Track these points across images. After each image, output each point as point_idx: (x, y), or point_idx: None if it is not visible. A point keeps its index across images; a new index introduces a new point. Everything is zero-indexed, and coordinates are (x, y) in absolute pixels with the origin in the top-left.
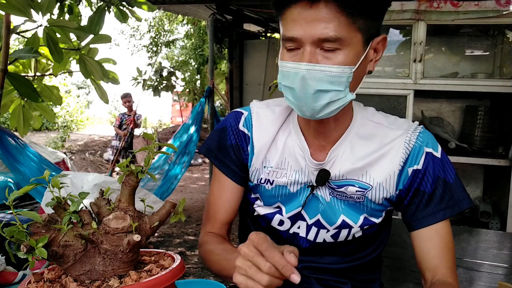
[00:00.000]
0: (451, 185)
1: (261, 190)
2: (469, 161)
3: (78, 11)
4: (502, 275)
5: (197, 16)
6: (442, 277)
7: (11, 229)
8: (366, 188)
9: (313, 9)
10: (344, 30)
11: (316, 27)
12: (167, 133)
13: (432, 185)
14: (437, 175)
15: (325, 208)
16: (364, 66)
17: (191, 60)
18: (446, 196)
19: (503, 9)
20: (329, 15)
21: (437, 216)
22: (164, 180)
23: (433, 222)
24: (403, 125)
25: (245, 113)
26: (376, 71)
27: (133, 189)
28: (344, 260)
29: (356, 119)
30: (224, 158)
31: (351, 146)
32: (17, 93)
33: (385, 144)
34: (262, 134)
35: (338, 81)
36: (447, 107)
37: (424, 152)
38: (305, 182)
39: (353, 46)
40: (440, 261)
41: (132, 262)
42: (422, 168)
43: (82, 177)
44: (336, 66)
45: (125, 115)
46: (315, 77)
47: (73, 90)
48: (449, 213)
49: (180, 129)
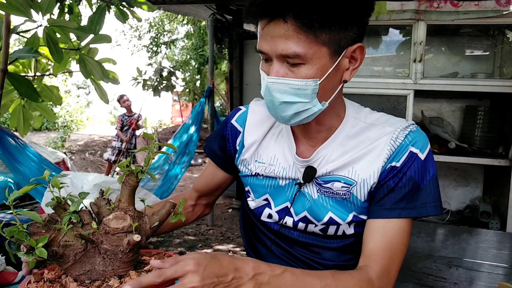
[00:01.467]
0: (420, 189)
1: (252, 180)
2: (469, 161)
3: (78, 11)
4: (502, 275)
5: (197, 16)
6: (366, 268)
7: (11, 229)
8: (351, 184)
9: (274, 26)
10: (305, 46)
11: (277, 43)
12: (167, 133)
13: (400, 183)
14: (411, 176)
15: (311, 205)
16: (336, 76)
17: (192, 60)
18: (409, 197)
19: (503, 9)
20: (289, 32)
21: (391, 212)
22: (164, 180)
23: (384, 217)
24: (395, 123)
25: (243, 109)
26: (376, 71)
27: (133, 189)
28: (344, 258)
29: (348, 121)
30: (212, 143)
31: (340, 147)
32: (17, 93)
33: (372, 141)
34: (255, 129)
35: (303, 93)
36: (447, 107)
37: (408, 151)
38: (293, 178)
39: (317, 60)
40: (374, 255)
41: (132, 262)
42: (400, 165)
43: (82, 177)
44: (299, 80)
45: (125, 116)
46: (280, 90)
47: (73, 90)
48: (405, 214)
49: (180, 129)
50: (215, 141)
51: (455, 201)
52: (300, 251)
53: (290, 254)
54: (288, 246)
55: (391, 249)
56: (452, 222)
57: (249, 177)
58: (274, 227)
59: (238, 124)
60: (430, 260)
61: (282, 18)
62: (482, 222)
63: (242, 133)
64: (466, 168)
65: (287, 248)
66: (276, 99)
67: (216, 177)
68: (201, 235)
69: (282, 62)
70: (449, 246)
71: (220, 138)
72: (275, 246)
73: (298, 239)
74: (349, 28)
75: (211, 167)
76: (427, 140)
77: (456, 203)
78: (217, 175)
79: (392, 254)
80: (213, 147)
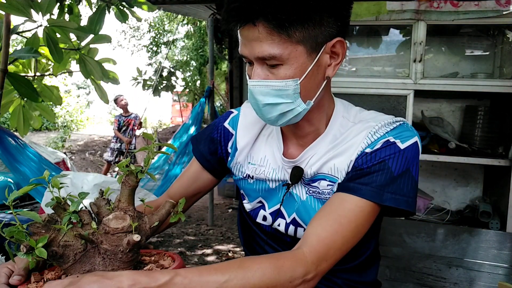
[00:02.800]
0: (392, 176)
1: (244, 184)
2: (469, 161)
3: (78, 11)
4: (502, 275)
5: (197, 16)
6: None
7: (11, 229)
8: (334, 182)
9: (248, 30)
10: (279, 47)
11: (253, 46)
12: (167, 133)
13: (370, 165)
14: (383, 159)
15: (299, 206)
16: (318, 73)
17: (193, 61)
18: (377, 181)
19: (503, 9)
20: (262, 34)
21: (353, 188)
22: (164, 180)
23: (344, 191)
24: (380, 120)
25: (234, 112)
26: (376, 71)
27: (133, 189)
28: (341, 260)
29: (336, 120)
30: (199, 145)
31: (327, 146)
32: (17, 93)
33: (353, 136)
34: (247, 131)
35: (285, 94)
36: (447, 107)
37: (385, 139)
38: (281, 179)
39: (294, 59)
40: (317, 225)
41: (132, 262)
42: (373, 150)
43: (82, 177)
44: (279, 81)
45: (122, 116)
46: (262, 92)
47: (73, 90)
48: (369, 196)
49: (180, 129)
50: (204, 144)
51: (455, 201)
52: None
53: None
54: (281, 248)
55: (339, 224)
56: (452, 222)
57: (242, 181)
58: (267, 229)
59: (231, 127)
60: (430, 260)
61: (252, 22)
62: (482, 222)
63: (234, 136)
64: (466, 168)
65: (281, 250)
66: (259, 101)
67: (199, 180)
68: (201, 235)
69: (262, 65)
70: (449, 246)
71: (210, 141)
72: (268, 247)
73: (292, 242)
74: (324, 23)
75: (195, 170)
76: (414, 135)
77: (456, 203)
78: (201, 178)
79: (339, 229)
80: (202, 150)
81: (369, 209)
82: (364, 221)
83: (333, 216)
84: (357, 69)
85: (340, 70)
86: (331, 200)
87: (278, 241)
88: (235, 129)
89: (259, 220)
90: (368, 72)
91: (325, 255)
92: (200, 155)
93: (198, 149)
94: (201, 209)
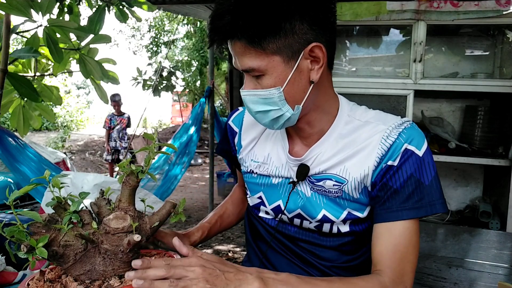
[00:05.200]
0: (425, 187)
1: (248, 178)
2: (469, 161)
3: (78, 11)
4: (502, 275)
5: (197, 16)
6: (378, 273)
7: (11, 229)
8: (342, 182)
9: (230, 46)
10: (256, 60)
11: (238, 60)
12: (167, 133)
13: (403, 183)
14: (411, 173)
15: (304, 202)
16: (301, 79)
17: (193, 61)
18: (415, 197)
19: (503, 9)
20: (241, 49)
21: (398, 214)
22: (164, 180)
23: (391, 220)
24: (389, 121)
25: (240, 110)
26: (376, 71)
27: (134, 189)
28: (343, 259)
29: (341, 119)
30: (222, 146)
31: (333, 145)
32: (17, 93)
33: (364, 139)
34: (251, 129)
35: (271, 101)
36: (447, 107)
37: (403, 148)
38: (285, 176)
39: (273, 69)
40: (384, 259)
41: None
42: (398, 164)
43: (82, 177)
44: (264, 90)
45: (114, 115)
46: (252, 101)
47: (73, 90)
48: (413, 215)
49: (180, 129)
50: (224, 144)
51: (455, 201)
52: (299, 247)
53: (289, 250)
54: (287, 242)
55: (400, 252)
56: (452, 222)
57: (247, 174)
58: (272, 223)
59: (235, 125)
60: (430, 260)
61: (230, 40)
62: (482, 222)
63: (239, 134)
64: (466, 168)
65: (287, 244)
66: (251, 109)
67: (240, 174)
68: None
69: (249, 76)
70: (449, 246)
71: (225, 140)
72: (275, 241)
73: (296, 235)
74: (297, 31)
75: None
76: (424, 137)
77: (456, 203)
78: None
79: (402, 256)
80: (224, 149)
81: (416, 225)
82: (417, 237)
83: (392, 247)
84: (357, 69)
85: (340, 70)
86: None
87: (284, 235)
88: (239, 127)
89: (262, 215)
90: (368, 72)
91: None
92: (225, 155)
93: (220, 149)
94: (201, 209)
